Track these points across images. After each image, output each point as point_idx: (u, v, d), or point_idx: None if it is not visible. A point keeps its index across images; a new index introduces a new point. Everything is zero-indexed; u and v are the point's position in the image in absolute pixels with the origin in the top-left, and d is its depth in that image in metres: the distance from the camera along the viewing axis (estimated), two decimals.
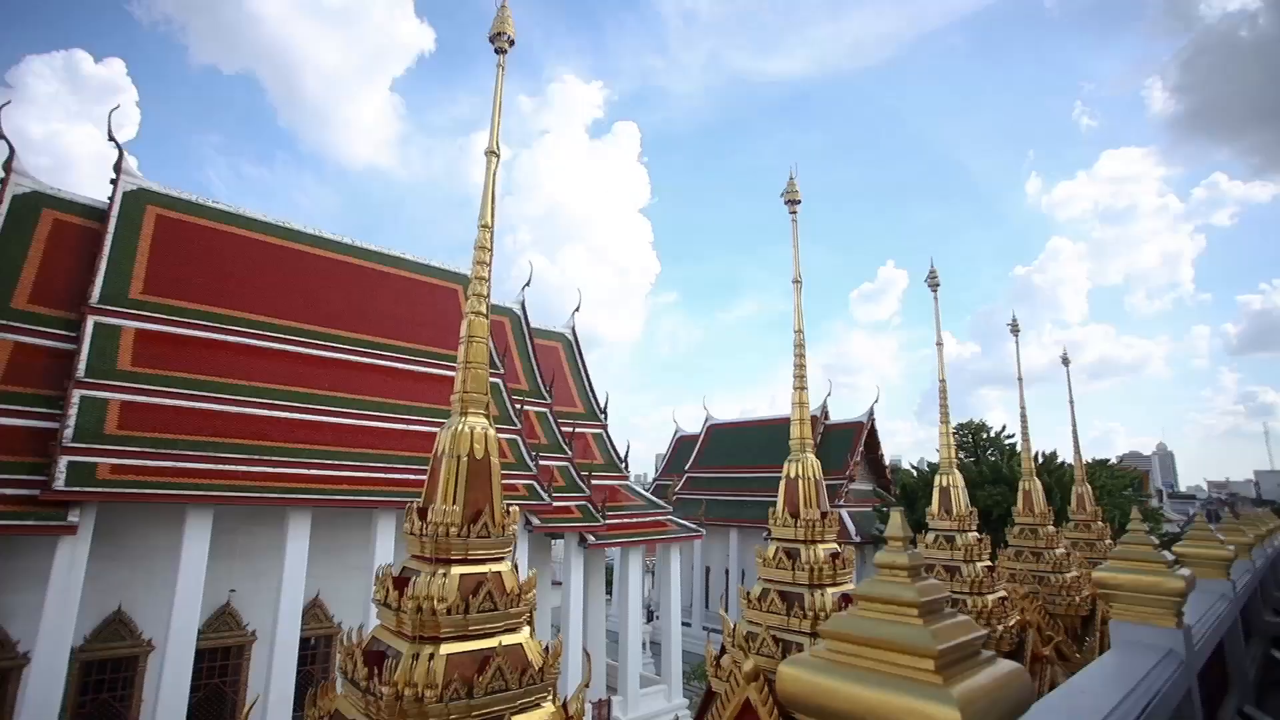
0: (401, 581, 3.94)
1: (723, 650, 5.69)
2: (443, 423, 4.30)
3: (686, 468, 40.11)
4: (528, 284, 27.46)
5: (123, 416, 14.45)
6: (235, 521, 15.92)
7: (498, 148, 4.89)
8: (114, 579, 14.68)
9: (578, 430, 24.17)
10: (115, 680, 14.72)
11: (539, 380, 24.60)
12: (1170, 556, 3.96)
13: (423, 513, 4.08)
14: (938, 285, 8.13)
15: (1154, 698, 2.75)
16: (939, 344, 7.97)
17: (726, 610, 6.76)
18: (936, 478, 7.85)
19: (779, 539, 5.89)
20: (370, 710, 3.59)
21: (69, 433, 13.40)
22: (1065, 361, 11.79)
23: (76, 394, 14.16)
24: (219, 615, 16.01)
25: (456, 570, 3.85)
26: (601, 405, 26.93)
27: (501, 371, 22.07)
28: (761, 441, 37.50)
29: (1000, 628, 6.72)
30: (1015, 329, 10.10)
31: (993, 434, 29.77)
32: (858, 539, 29.69)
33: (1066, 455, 27.43)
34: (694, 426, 43.99)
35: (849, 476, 32.86)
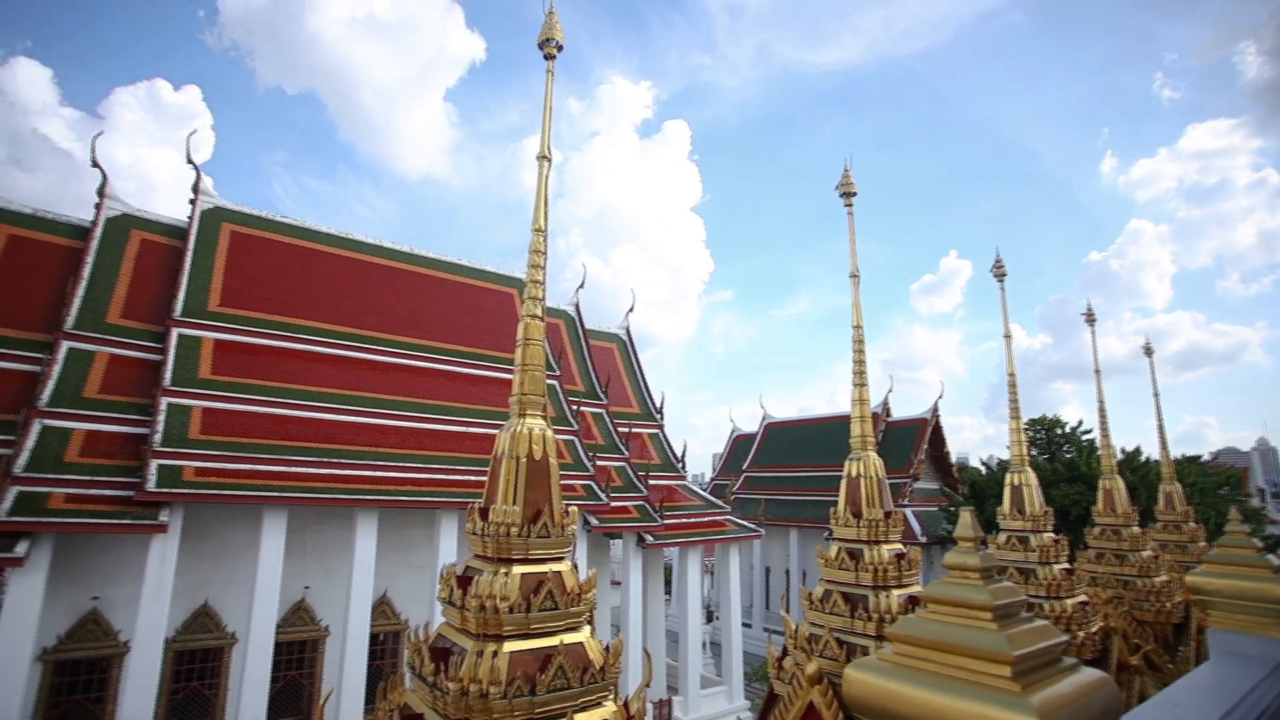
0: (465, 580, 4.03)
1: (784, 652, 5.60)
2: (501, 424, 4.37)
3: (744, 467, 39.73)
4: (581, 286, 27.74)
5: (204, 422, 15.31)
6: (307, 521, 16.63)
7: (549, 152, 4.95)
8: (200, 575, 15.55)
9: (634, 430, 24.26)
10: (204, 669, 15.60)
11: (594, 381, 24.81)
12: (1277, 561, 3.68)
13: (484, 513, 4.16)
14: (1004, 275, 7.80)
15: (1262, 714, 2.55)
16: (1007, 336, 7.65)
17: (788, 611, 6.66)
18: (1007, 476, 7.52)
19: (841, 539, 5.76)
20: (437, 705, 3.68)
21: (158, 438, 14.27)
22: (1148, 352, 11.11)
23: (164, 401, 15.07)
24: (295, 610, 16.75)
25: (518, 570, 3.91)
26: (657, 405, 26.96)
27: (558, 373, 22.35)
28: (820, 440, 36.81)
29: (1081, 634, 6.37)
30: (1090, 319, 9.57)
31: (1068, 429, 28.35)
32: (924, 539, 28.77)
33: (1152, 451, 25.95)
34: (751, 425, 43.56)
35: (913, 475, 31.89)
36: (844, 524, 5.75)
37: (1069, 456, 26.58)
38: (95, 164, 18.17)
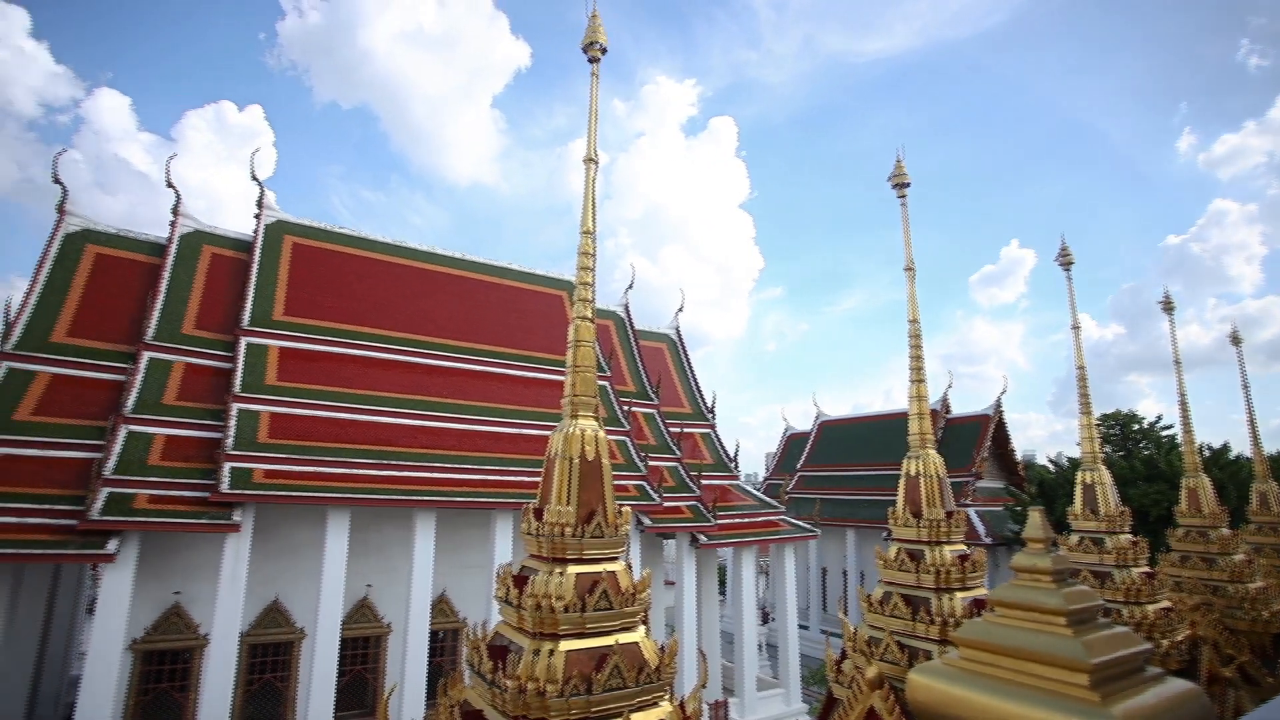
0: (521, 580, 4.08)
1: (843, 655, 5.48)
2: (553, 426, 4.41)
3: (798, 466, 39.12)
4: (630, 286, 27.82)
5: (272, 426, 15.99)
6: (368, 521, 17.18)
7: (596, 154, 4.97)
8: (270, 572, 16.25)
9: (685, 430, 24.20)
10: (276, 663, 16.30)
11: (645, 381, 24.84)
12: None
13: (538, 513, 4.20)
14: (1071, 263, 7.45)
15: None
16: (1075, 327, 7.30)
17: (846, 613, 6.52)
18: (1079, 474, 7.18)
19: (900, 540, 5.60)
20: (496, 702, 3.74)
21: (230, 441, 14.98)
22: (1235, 340, 10.40)
23: (234, 407, 15.82)
24: (358, 607, 17.33)
25: (573, 569, 3.94)
26: (708, 404, 26.82)
27: (608, 374, 22.48)
28: (877, 438, 35.93)
29: (1166, 643, 6.01)
30: (1169, 306, 9.02)
31: (1145, 425, 26.86)
32: (988, 540, 27.73)
33: (1242, 447, 24.39)
34: (804, 424, 42.88)
35: (975, 474, 30.77)
36: (903, 524, 5.59)
37: (1147, 453, 25.20)
38: (170, 184, 19.25)
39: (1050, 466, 30.01)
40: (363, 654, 17.36)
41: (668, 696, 3.98)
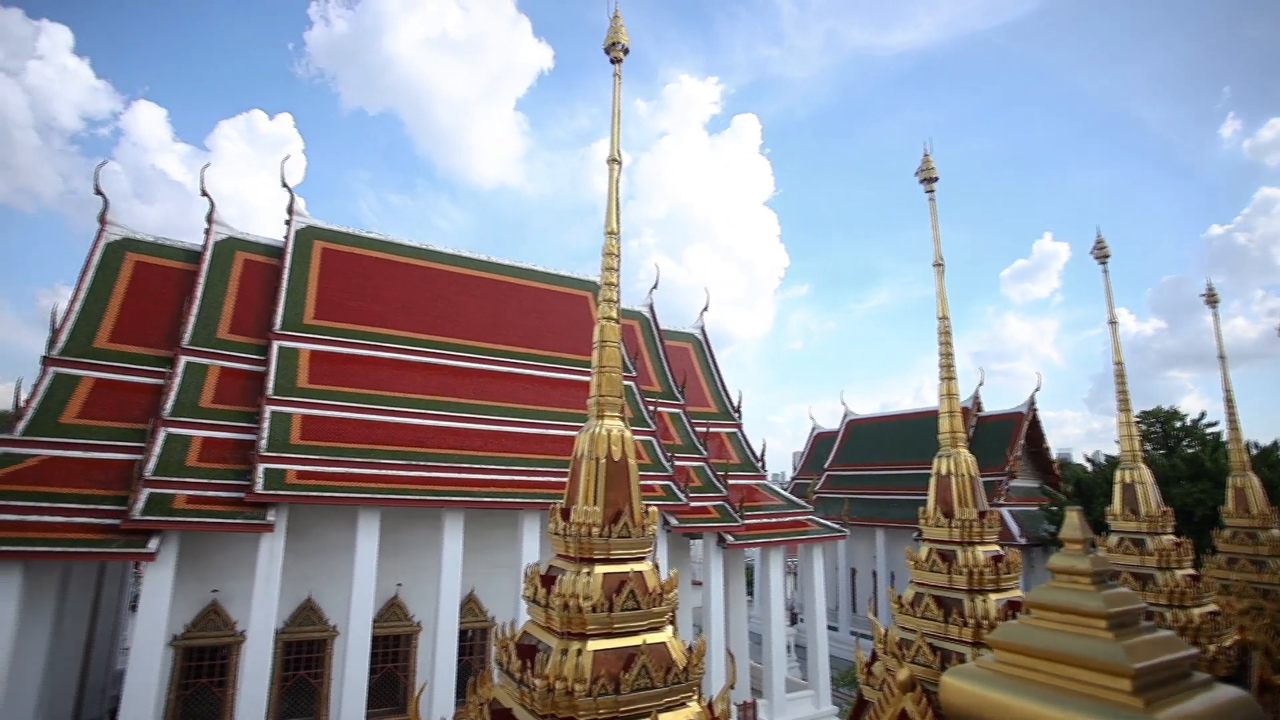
0: (548, 579, 4.09)
1: (874, 656, 5.41)
2: (579, 426, 4.42)
3: (826, 466, 38.73)
4: (655, 286, 27.81)
5: (304, 428, 16.29)
6: (398, 521, 17.41)
7: (619, 155, 4.98)
8: (303, 571, 16.56)
9: (712, 430, 24.11)
10: (309, 659, 16.61)
11: (671, 381, 24.81)
12: None
13: (565, 513, 4.21)
14: (1107, 257, 7.26)
15: None
16: (1112, 322, 7.12)
17: (876, 614, 6.43)
18: (1117, 473, 6.99)
19: (931, 540, 5.51)
20: (525, 701, 3.76)
21: (263, 443, 15.30)
22: None
23: (267, 410, 16.16)
24: (389, 606, 17.57)
25: (600, 569, 3.94)
26: (735, 404, 26.68)
27: (634, 374, 22.49)
28: (906, 437, 35.42)
29: (1213, 648, 5.81)
30: (1212, 299, 8.74)
31: (1188, 422, 26.03)
32: (1023, 541, 27.14)
33: None
34: (831, 422, 42.45)
35: (1009, 473, 30.13)
36: (934, 524, 5.50)
37: (1190, 452, 24.42)
38: (204, 193, 19.75)
39: (1087, 465, 29.28)
40: (393, 652, 17.60)
41: (696, 697, 3.97)
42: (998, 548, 5.30)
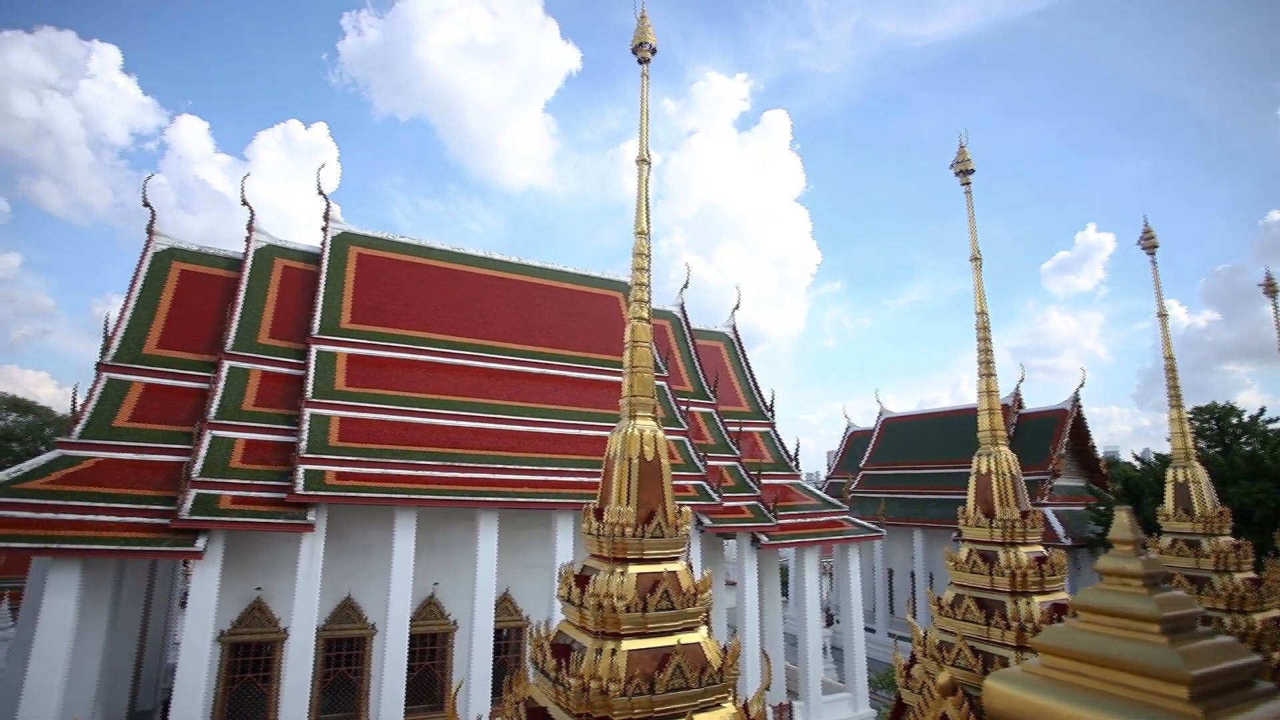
0: (582, 579, 4.11)
1: (913, 659, 5.31)
2: (611, 426, 4.43)
3: (861, 465, 38.20)
4: (685, 286, 27.74)
5: (341, 430, 16.65)
6: (434, 521, 17.67)
7: (648, 155, 4.97)
8: (343, 570, 16.92)
9: (744, 429, 23.96)
10: (349, 656, 16.97)
11: (703, 381, 24.73)
12: None
13: (599, 513, 4.22)
14: (1155, 247, 7.01)
15: None
16: (1161, 315, 6.87)
17: (914, 616, 6.30)
18: (1169, 471, 6.74)
19: (972, 541, 5.39)
20: (560, 700, 3.77)
21: (303, 445, 15.68)
22: None
23: (307, 412, 16.55)
24: (426, 605, 17.85)
25: (633, 569, 3.94)
26: (767, 403, 26.47)
27: (665, 374, 22.47)
28: (944, 435, 34.74)
29: (1278, 656, 5.57)
30: (1271, 289, 8.35)
31: (1245, 418, 24.94)
32: (1068, 542, 26.34)
33: None
34: (866, 421, 41.85)
35: (1052, 471, 29.28)
36: (974, 524, 5.37)
37: (1248, 449, 23.42)
38: (244, 202, 20.32)
39: (1136, 463, 28.31)
40: (430, 650, 17.87)
41: (731, 698, 3.94)
42: (1041, 549, 5.15)
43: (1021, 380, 33.26)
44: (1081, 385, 31.50)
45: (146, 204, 19.30)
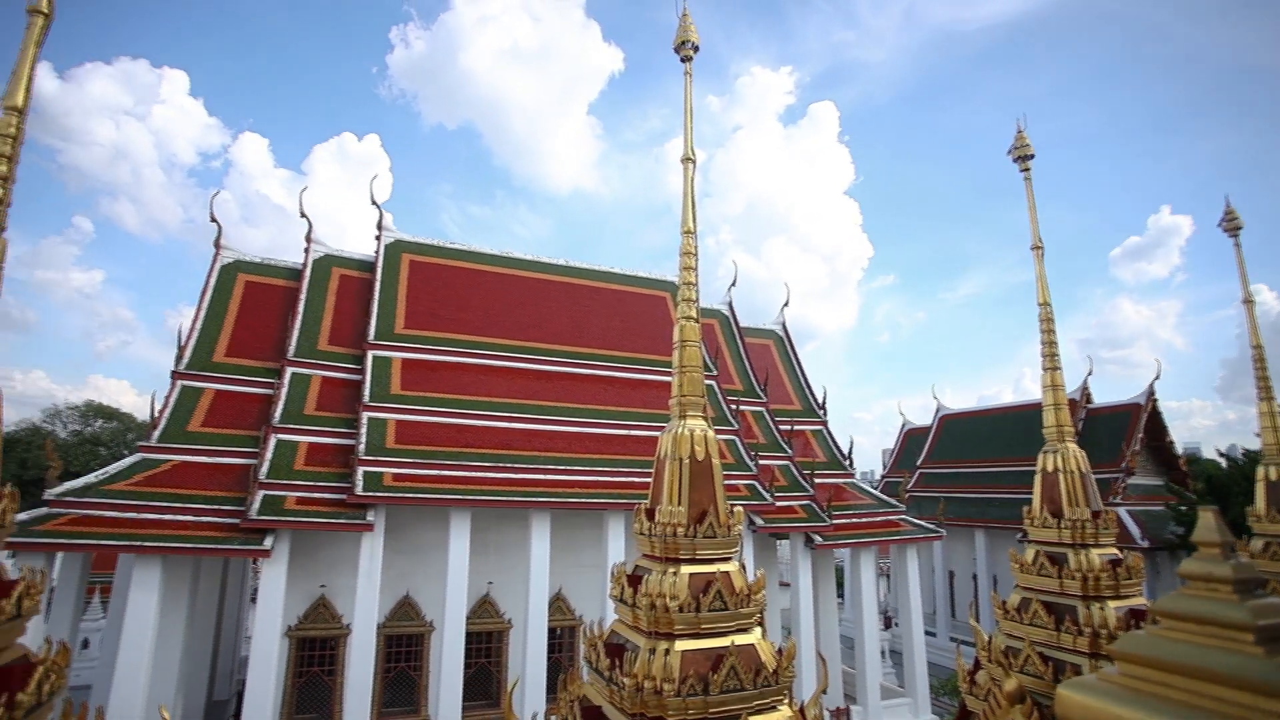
0: (635, 579, 4.10)
1: (977, 665, 5.13)
2: (661, 426, 4.41)
3: (918, 464, 37.15)
4: (733, 283, 27.52)
5: (398, 433, 17.11)
6: (488, 521, 17.99)
7: (693, 153, 4.94)
8: (401, 569, 17.39)
9: (796, 428, 23.62)
10: (409, 653, 17.43)
11: (752, 379, 24.49)
12: None
13: (650, 514, 4.21)
14: (1239, 228, 6.59)
15: None
16: (1247, 301, 6.45)
17: (977, 620, 6.09)
18: (1260, 469, 6.31)
19: (1038, 542, 5.16)
20: (614, 699, 3.78)
21: (362, 447, 16.18)
22: None
23: (364, 416, 17.07)
24: (481, 604, 18.19)
25: (686, 569, 3.91)
26: (819, 401, 26.03)
27: (715, 373, 22.34)
28: (1006, 432, 33.48)
29: None
30: None
31: None
32: (1145, 544, 24.96)
33: None
34: (923, 418, 40.70)
35: (1126, 469, 27.80)
36: (1041, 525, 5.15)
37: None
38: (303, 214, 21.12)
39: (1221, 460, 26.67)
40: (486, 648, 18.19)
41: (786, 700, 3.88)
42: (1116, 551, 4.90)
43: (1089, 374, 31.78)
44: (1157, 378, 29.88)
45: (213, 219, 20.27)
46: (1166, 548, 25.40)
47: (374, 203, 22.06)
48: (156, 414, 16.41)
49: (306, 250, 21.08)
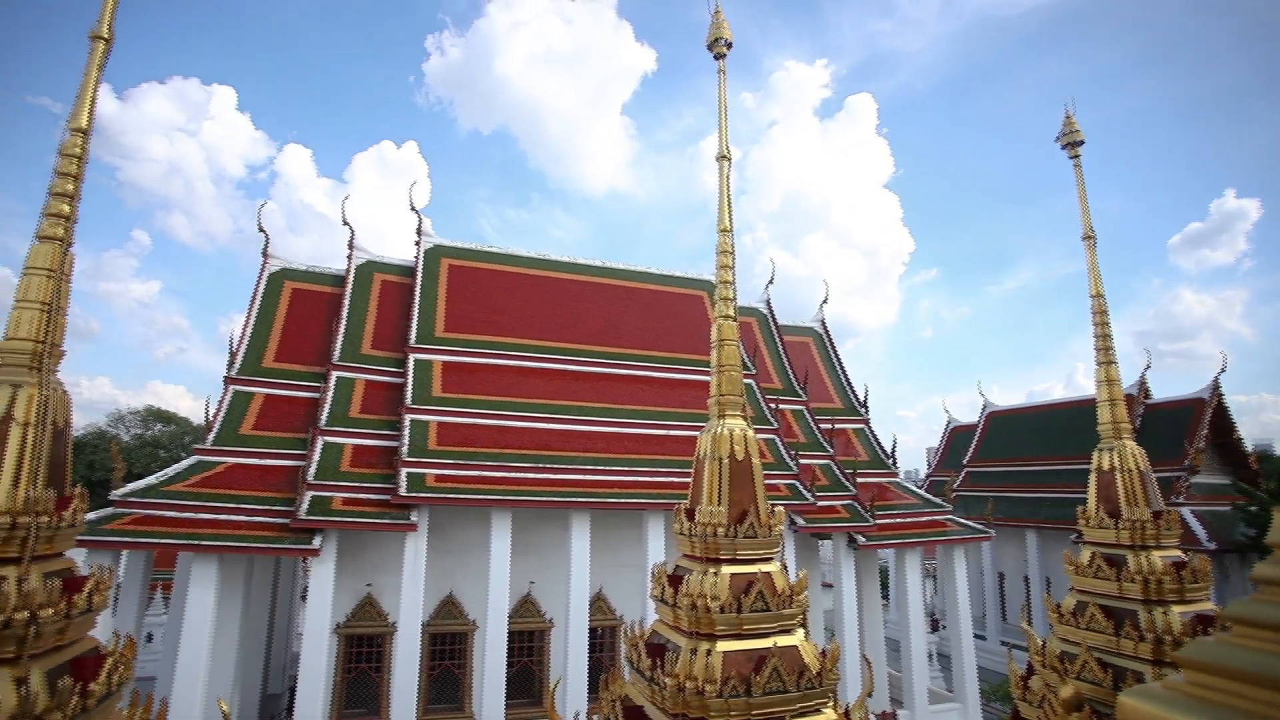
0: (675, 579, 4.08)
1: (1030, 670, 4.96)
2: (699, 426, 4.39)
3: (964, 462, 36.22)
4: (771, 281, 27.27)
5: (439, 434, 17.40)
6: (528, 522, 18.16)
7: (728, 151, 4.90)
8: (444, 568, 17.69)
9: (837, 426, 23.26)
10: (453, 651, 17.72)
11: (792, 378, 24.22)
12: None
13: (690, 514, 4.19)
14: None
15: None
16: None
17: (1030, 624, 5.89)
18: None
19: (1095, 543, 4.97)
20: (655, 699, 3.76)
21: (405, 449, 16.51)
22: None
23: (407, 418, 17.41)
24: (522, 603, 18.38)
25: (726, 570, 3.88)
26: (860, 399, 25.60)
27: (753, 372, 22.16)
28: (1057, 428, 32.39)
29: None
30: None
31: None
32: (1212, 546, 23.77)
33: None
34: (969, 415, 39.68)
35: (1189, 468, 26.52)
36: (1097, 525, 4.96)
37: None
38: (345, 222, 21.66)
39: None
40: (528, 647, 18.38)
41: (831, 703, 3.81)
42: (1179, 553, 4.69)
43: (1148, 367, 30.45)
44: (1223, 370, 28.44)
45: (261, 229, 20.94)
46: (1235, 550, 24.21)
47: (413, 209, 22.50)
48: (210, 418, 17.03)
49: (349, 257, 21.61)
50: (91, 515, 13.88)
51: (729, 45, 4.99)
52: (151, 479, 15.22)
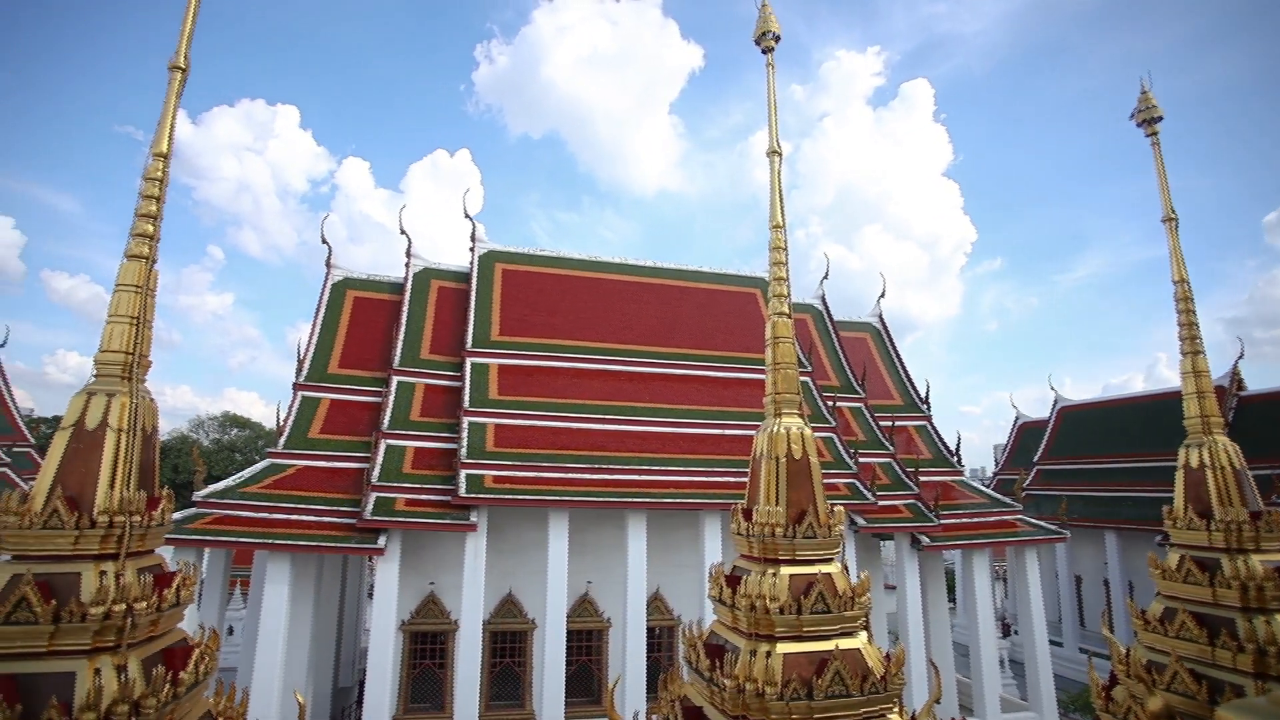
0: (733, 580, 4.03)
1: (1113, 679, 4.69)
2: (755, 425, 4.33)
3: (1035, 460, 34.66)
4: (825, 276, 26.75)
5: (497, 436, 17.73)
6: (585, 522, 18.30)
7: (779, 146, 4.82)
8: (504, 568, 18.00)
9: (897, 424, 22.63)
10: (513, 649, 18.01)
11: (849, 374, 23.69)
12: None
13: (747, 514, 4.12)
14: None
15: None
16: None
17: (1111, 630, 5.56)
18: None
19: (1184, 545, 4.66)
20: (714, 700, 3.72)
21: (463, 451, 16.88)
22: None
23: (465, 420, 17.81)
24: (580, 603, 18.53)
25: (785, 570, 3.80)
26: (922, 395, 24.82)
27: (809, 369, 21.77)
28: (1137, 424, 30.66)
29: None
30: None
31: None
32: None
33: None
34: (1039, 411, 38.00)
35: None
36: (1186, 527, 4.65)
37: None
38: (402, 231, 22.36)
39: None
40: (586, 646, 18.52)
41: (896, 709, 3.69)
42: None
43: (1240, 356, 28.47)
44: None
45: (324, 241, 21.79)
46: None
47: (467, 215, 23.04)
48: (281, 422, 17.82)
49: (407, 265, 22.28)
50: (177, 515, 14.70)
51: (777, 38, 4.91)
52: (230, 481, 16.03)
